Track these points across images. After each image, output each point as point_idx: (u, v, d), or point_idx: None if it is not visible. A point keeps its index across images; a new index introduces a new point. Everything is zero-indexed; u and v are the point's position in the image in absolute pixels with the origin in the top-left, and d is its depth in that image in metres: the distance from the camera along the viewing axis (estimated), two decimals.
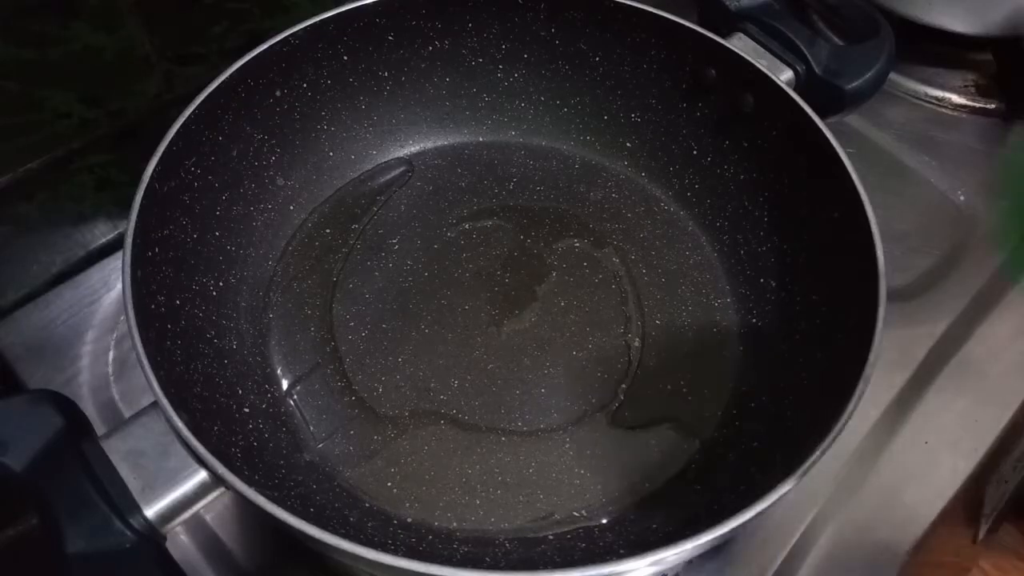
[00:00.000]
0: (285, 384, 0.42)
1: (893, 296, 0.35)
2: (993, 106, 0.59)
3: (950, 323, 0.49)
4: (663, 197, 0.50)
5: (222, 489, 0.31)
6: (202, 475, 0.31)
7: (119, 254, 0.35)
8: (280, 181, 0.47)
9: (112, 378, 0.45)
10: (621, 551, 0.35)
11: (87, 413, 0.33)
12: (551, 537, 0.38)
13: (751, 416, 0.41)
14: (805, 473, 0.30)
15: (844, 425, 0.31)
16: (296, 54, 0.44)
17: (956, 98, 0.60)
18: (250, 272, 0.44)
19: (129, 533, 0.29)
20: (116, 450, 0.31)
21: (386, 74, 0.49)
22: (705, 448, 0.41)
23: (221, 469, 0.29)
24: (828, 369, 0.37)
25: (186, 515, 0.31)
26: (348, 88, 0.48)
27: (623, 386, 0.43)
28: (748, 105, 0.45)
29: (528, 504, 0.39)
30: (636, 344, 0.44)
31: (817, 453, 0.30)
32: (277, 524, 0.28)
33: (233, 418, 0.38)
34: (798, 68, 0.46)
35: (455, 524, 0.38)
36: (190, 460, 0.31)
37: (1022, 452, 0.52)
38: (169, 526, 0.31)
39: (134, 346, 0.32)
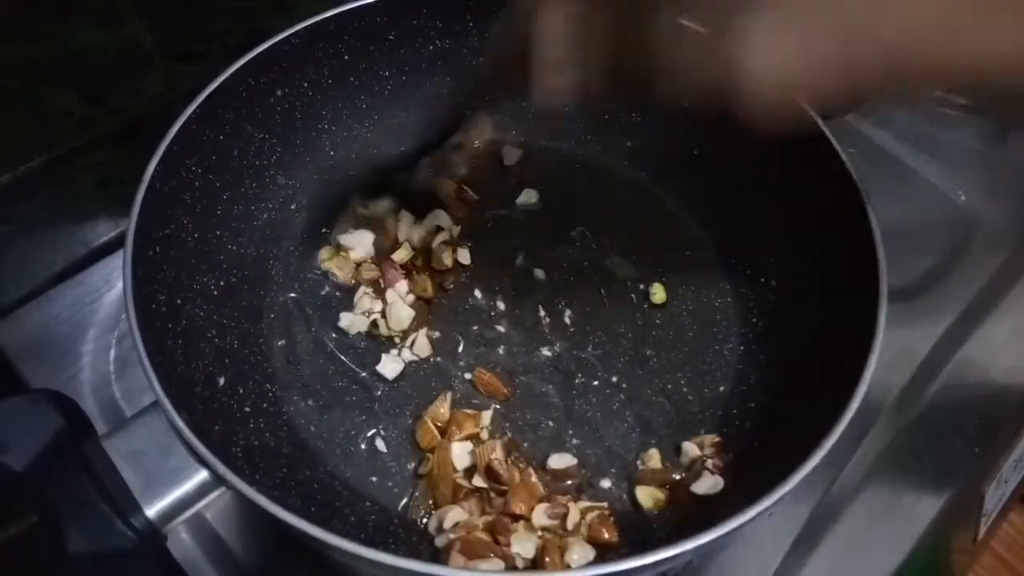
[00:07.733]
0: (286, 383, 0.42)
1: (894, 296, 0.35)
2: (995, 106, 0.59)
3: (950, 323, 0.49)
4: (664, 197, 0.50)
5: (223, 488, 0.31)
6: (203, 475, 0.31)
7: (120, 252, 0.34)
8: (281, 180, 0.47)
9: (113, 377, 0.45)
10: (621, 551, 0.35)
11: (88, 412, 0.33)
12: None
13: (751, 416, 0.41)
14: (806, 474, 0.30)
15: (845, 426, 0.31)
16: (297, 53, 0.44)
17: (958, 98, 0.60)
18: (251, 271, 0.44)
19: (130, 533, 0.29)
20: (117, 450, 0.31)
21: (387, 73, 0.49)
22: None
23: (222, 469, 0.29)
24: (829, 369, 0.37)
25: (187, 514, 0.31)
26: (349, 87, 0.48)
27: (624, 385, 0.43)
28: None
29: None
30: (637, 343, 0.44)
31: (818, 453, 0.30)
32: (278, 523, 0.28)
33: (234, 418, 0.38)
34: None
35: None
36: (191, 460, 0.31)
37: (1022, 452, 0.52)
38: (170, 525, 0.31)
39: (135, 345, 0.32)
